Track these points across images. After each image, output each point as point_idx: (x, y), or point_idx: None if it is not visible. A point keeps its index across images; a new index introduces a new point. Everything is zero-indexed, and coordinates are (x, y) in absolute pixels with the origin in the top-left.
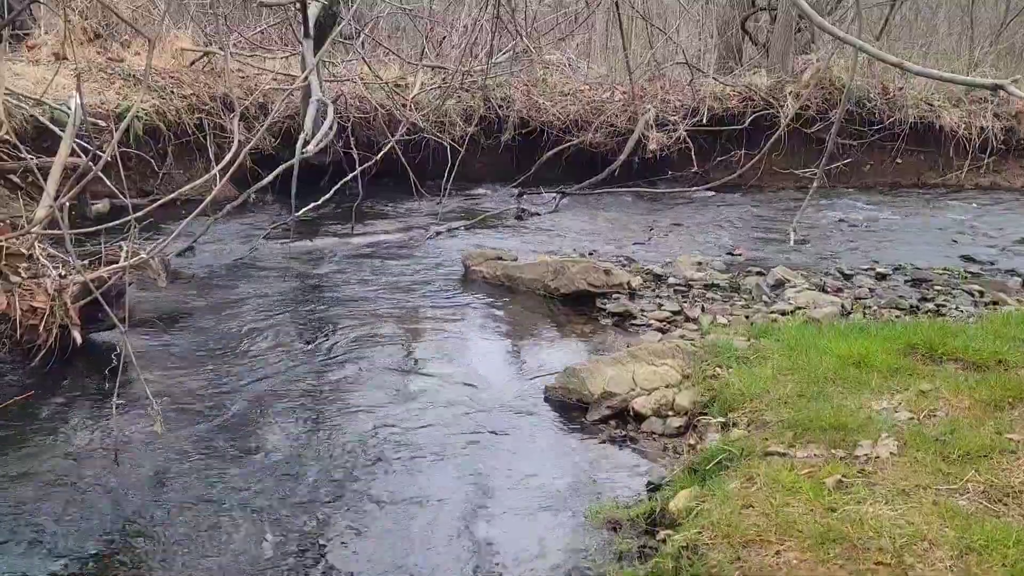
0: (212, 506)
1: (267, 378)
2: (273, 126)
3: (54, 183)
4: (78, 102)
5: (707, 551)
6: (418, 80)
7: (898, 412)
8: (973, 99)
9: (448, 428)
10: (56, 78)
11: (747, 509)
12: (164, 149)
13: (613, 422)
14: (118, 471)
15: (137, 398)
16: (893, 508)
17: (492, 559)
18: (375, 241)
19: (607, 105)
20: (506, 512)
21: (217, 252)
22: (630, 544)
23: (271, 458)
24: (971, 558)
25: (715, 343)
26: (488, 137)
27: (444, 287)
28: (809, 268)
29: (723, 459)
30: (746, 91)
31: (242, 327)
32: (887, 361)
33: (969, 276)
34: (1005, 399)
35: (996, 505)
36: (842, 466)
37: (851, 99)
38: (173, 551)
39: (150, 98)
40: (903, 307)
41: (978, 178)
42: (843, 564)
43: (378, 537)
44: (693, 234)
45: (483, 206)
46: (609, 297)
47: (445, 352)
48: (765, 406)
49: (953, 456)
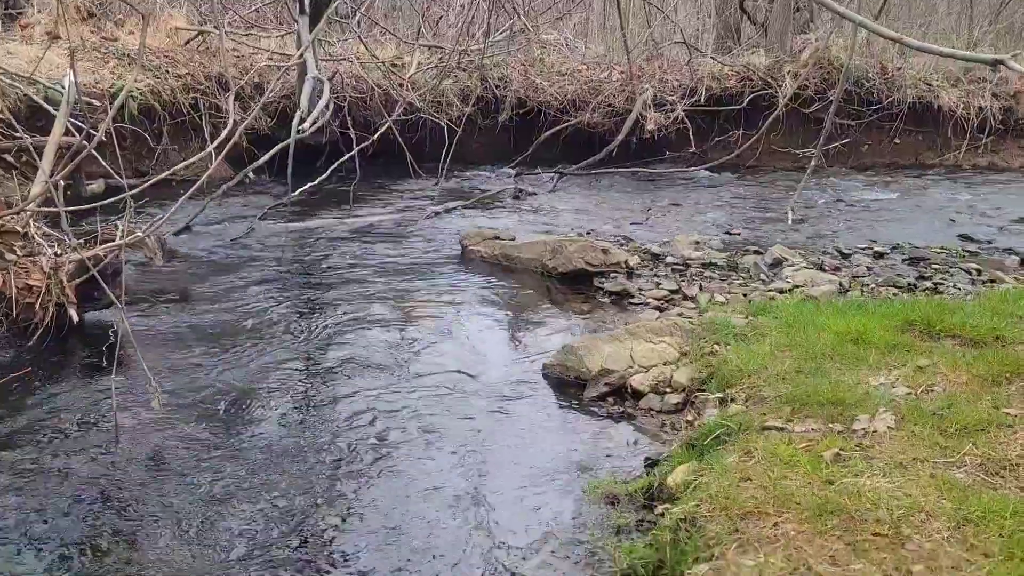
0: (209, 483)
1: (264, 356)
2: (269, 106)
3: (49, 161)
4: (72, 80)
5: (705, 523)
6: (415, 60)
7: (896, 387)
8: (972, 79)
9: (446, 405)
10: (49, 57)
11: (745, 482)
12: (159, 129)
13: (611, 399)
14: (115, 448)
15: (134, 375)
16: (890, 481)
17: (490, 533)
18: (372, 221)
19: (605, 85)
20: (504, 487)
21: (214, 232)
22: (628, 518)
23: (269, 435)
24: (968, 529)
25: (713, 320)
26: (485, 117)
27: (441, 267)
28: (807, 247)
29: (721, 434)
30: (744, 71)
31: (239, 306)
32: (885, 338)
33: (967, 255)
34: (1003, 374)
35: (993, 478)
36: (840, 440)
37: (850, 78)
38: (170, 528)
39: (145, 78)
40: (901, 285)
41: (976, 158)
42: (840, 535)
43: (377, 512)
44: (691, 214)
45: (480, 186)
46: (607, 276)
47: (443, 331)
48: (763, 382)
49: (950, 430)
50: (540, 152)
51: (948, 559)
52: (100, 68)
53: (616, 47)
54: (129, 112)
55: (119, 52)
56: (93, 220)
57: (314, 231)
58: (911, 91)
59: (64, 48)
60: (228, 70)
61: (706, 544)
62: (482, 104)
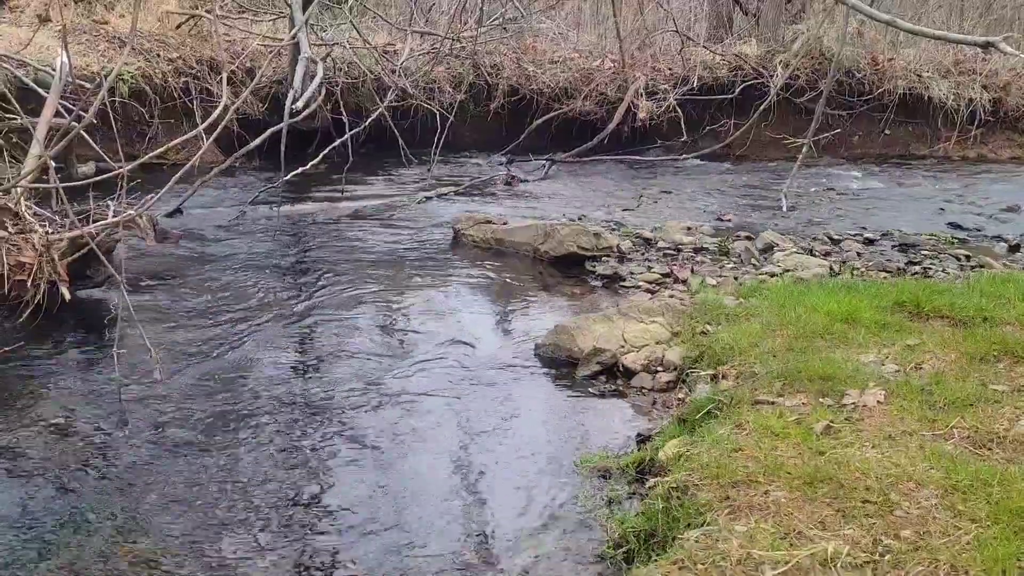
0: (207, 457)
1: (256, 336)
2: (261, 91)
3: (40, 140)
4: (63, 60)
5: (696, 491)
6: (407, 46)
7: (885, 365)
8: (962, 70)
9: (438, 384)
10: (40, 39)
11: (736, 452)
12: (151, 112)
13: (603, 378)
14: (112, 422)
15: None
16: (880, 452)
17: (483, 507)
18: (364, 206)
19: (597, 73)
20: (497, 463)
21: (206, 215)
22: (620, 491)
23: (262, 414)
24: (956, 496)
25: (704, 301)
26: (477, 105)
27: (434, 250)
28: (798, 234)
29: (712, 408)
30: (736, 60)
31: (230, 287)
32: (875, 317)
33: (956, 242)
34: (990, 353)
35: (981, 450)
36: (830, 413)
37: (841, 68)
38: (169, 502)
39: (136, 61)
40: (890, 270)
41: (966, 150)
42: (830, 502)
43: (370, 490)
44: (682, 201)
45: (472, 173)
46: (599, 260)
47: (435, 313)
48: (754, 359)
49: (939, 405)
50: (532, 139)
51: (936, 524)
52: (90, 51)
53: (608, 36)
54: (120, 95)
55: (110, 35)
56: (85, 199)
57: (306, 215)
58: (902, 82)
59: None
60: (220, 54)
61: (697, 511)
62: (474, 92)
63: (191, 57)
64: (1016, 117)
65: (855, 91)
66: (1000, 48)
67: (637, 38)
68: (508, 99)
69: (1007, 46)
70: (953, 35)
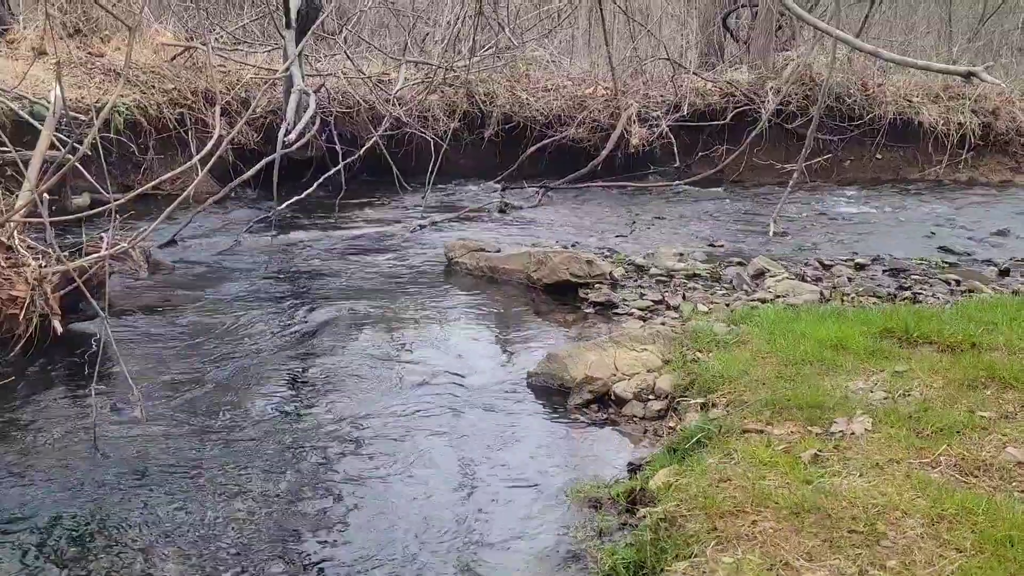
0: (193, 491)
1: (249, 367)
2: (255, 121)
3: (34, 172)
4: (58, 94)
5: (685, 522)
6: (401, 75)
7: (874, 392)
8: (951, 95)
9: (431, 413)
10: (36, 72)
11: (724, 482)
12: (145, 144)
13: (594, 406)
14: (97, 457)
15: (117, 385)
16: (867, 480)
17: (474, 537)
18: (358, 234)
19: (590, 101)
20: (488, 493)
21: (200, 245)
22: (611, 521)
23: (253, 444)
24: (942, 525)
25: (695, 329)
26: (471, 132)
27: (427, 278)
28: (789, 259)
29: (702, 437)
30: (727, 87)
31: (224, 318)
32: (863, 344)
33: (946, 266)
34: (978, 379)
35: (967, 478)
36: (818, 442)
37: (830, 94)
38: (153, 536)
39: (131, 92)
40: (881, 295)
41: (956, 173)
42: (817, 532)
43: (361, 519)
44: (675, 227)
45: (466, 200)
46: (591, 287)
47: (428, 341)
48: (744, 387)
49: (926, 432)
50: (526, 167)
51: (922, 554)
52: (86, 83)
53: (601, 63)
54: (115, 127)
55: (105, 68)
56: (78, 232)
57: (300, 244)
58: (892, 107)
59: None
60: (215, 85)
61: (685, 542)
62: (468, 120)
63: (186, 88)
64: (1005, 141)
65: (846, 116)
66: (981, 77)
67: (630, 66)
68: (502, 127)
69: (988, 75)
70: (936, 65)
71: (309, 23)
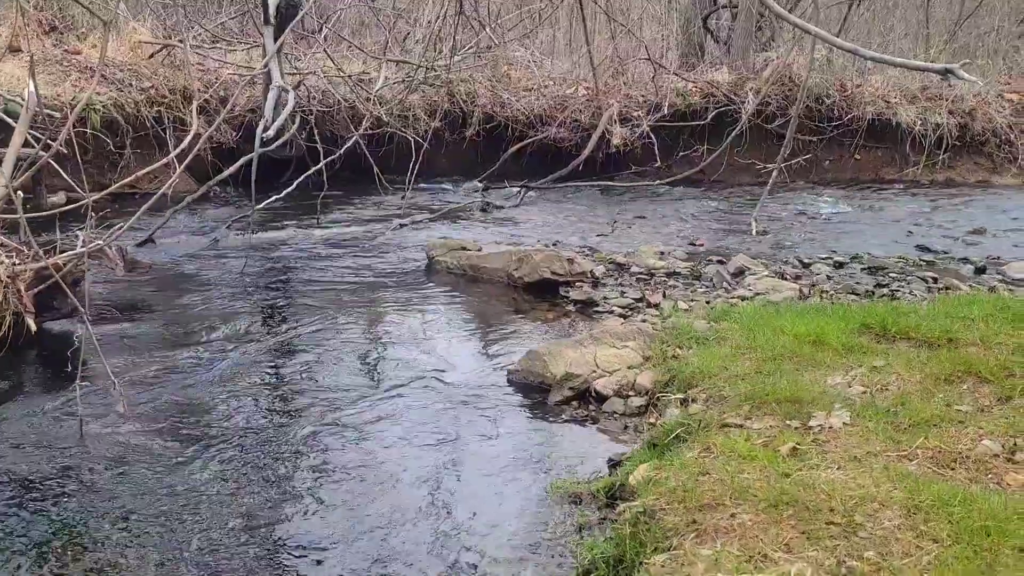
0: (175, 487)
1: (227, 364)
2: (234, 120)
3: (8, 169)
4: (32, 90)
5: (664, 515)
6: (382, 74)
7: (852, 387)
8: (929, 96)
9: (411, 410)
10: (10, 68)
11: (703, 476)
12: (122, 142)
13: (575, 403)
14: (77, 453)
15: (97, 381)
16: (845, 473)
17: (454, 533)
18: (338, 233)
19: (571, 100)
20: (469, 490)
21: (178, 244)
22: (591, 516)
23: (232, 442)
24: (919, 516)
25: (676, 325)
26: (452, 132)
27: (408, 277)
28: (769, 257)
29: (681, 432)
30: (708, 87)
31: (202, 316)
32: (842, 340)
33: (924, 264)
34: (955, 374)
35: (944, 470)
36: (796, 436)
37: (810, 95)
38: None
39: (108, 90)
40: (859, 292)
41: (934, 174)
42: (795, 524)
43: (342, 514)
44: (656, 226)
45: (447, 200)
46: (572, 285)
47: (408, 339)
48: (723, 382)
49: (904, 426)
50: (507, 166)
51: (899, 545)
52: (62, 81)
53: (582, 63)
54: (91, 125)
55: (81, 65)
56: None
57: (280, 243)
58: (870, 108)
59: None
60: (193, 83)
61: (664, 535)
62: (449, 119)
63: (164, 86)
64: (982, 142)
65: (825, 117)
66: (958, 75)
67: (610, 66)
68: (483, 126)
69: (964, 72)
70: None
71: (288, 20)
